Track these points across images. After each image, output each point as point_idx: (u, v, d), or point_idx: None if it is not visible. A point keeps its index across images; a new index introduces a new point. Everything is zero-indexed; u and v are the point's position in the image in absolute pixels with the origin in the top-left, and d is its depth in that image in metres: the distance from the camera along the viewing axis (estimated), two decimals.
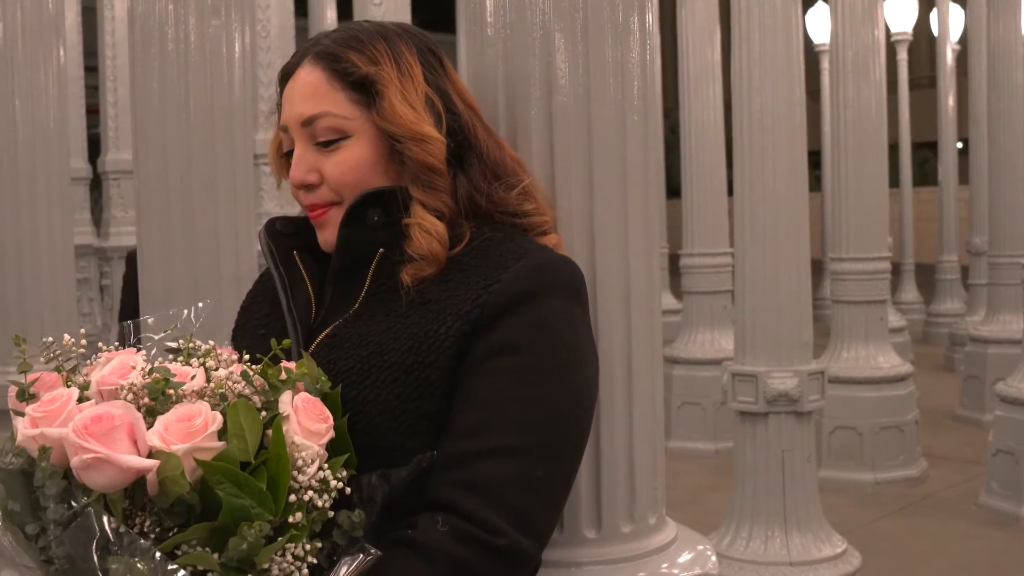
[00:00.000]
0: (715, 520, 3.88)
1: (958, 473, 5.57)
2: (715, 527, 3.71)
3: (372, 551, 0.96)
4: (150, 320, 1.12)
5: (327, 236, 1.22)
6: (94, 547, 0.88)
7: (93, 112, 7.02)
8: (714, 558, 1.38)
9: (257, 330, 1.25)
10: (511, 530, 1.04)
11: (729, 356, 4.00)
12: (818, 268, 9.68)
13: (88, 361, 1.04)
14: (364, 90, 1.18)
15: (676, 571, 1.33)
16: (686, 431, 6.14)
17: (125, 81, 6.07)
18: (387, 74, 1.17)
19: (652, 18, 1.37)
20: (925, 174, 17.42)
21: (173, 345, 1.06)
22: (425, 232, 1.15)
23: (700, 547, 1.38)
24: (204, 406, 0.95)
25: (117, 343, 1.11)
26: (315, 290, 1.24)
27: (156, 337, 1.10)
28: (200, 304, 1.14)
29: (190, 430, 0.93)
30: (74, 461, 0.90)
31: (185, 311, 1.12)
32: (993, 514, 4.83)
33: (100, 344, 1.06)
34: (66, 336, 1.05)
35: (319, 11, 6.08)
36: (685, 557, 1.36)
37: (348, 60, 1.18)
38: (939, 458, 5.79)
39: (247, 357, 1.04)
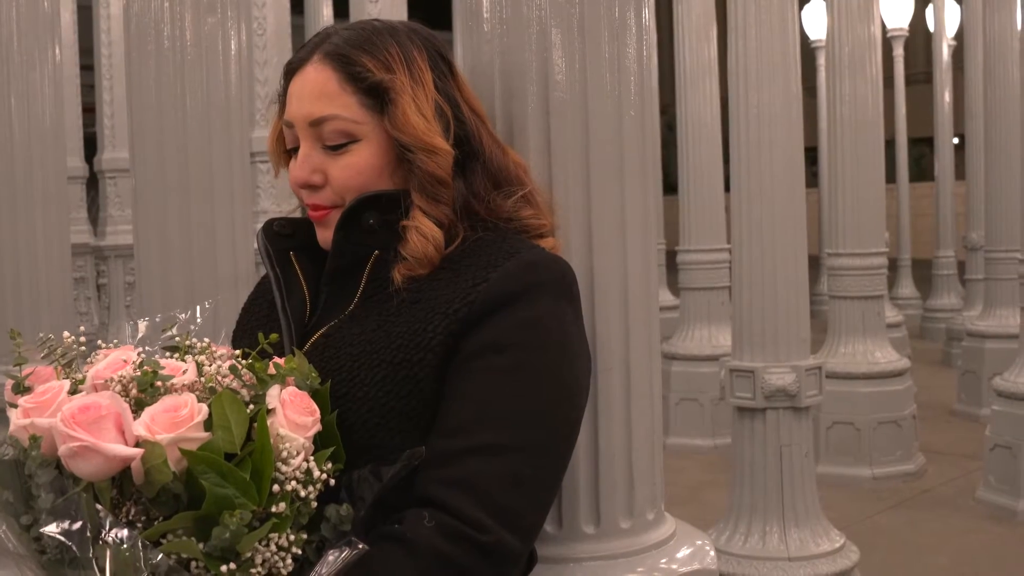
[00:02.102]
0: (714, 516, 3.88)
1: (956, 468, 5.58)
2: (714, 523, 3.71)
3: (359, 545, 0.96)
4: (157, 318, 1.13)
5: (327, 236, 1.22)
6: (85, 535, 0.89)
7: (89, 111, 7.01)
8: (713, 553, 1.38)
9: (256, 331, 1.24)
10: (497, 527, 1.04)
11: (727, 352, 4.00)
12: (815, 264, 9.74)
13: (88, 359, 1.05)
14: (376, 95, 1.17)
15: (675, 566, 1.33)
16: (684, 427, 6.14)
17: (121, 80, 6.06)
18: (400, 82, 1.16)
19: (649, 14, 1.37)
20: (921, 170, 17.43)
21: (172, 343, 1.07)
22: (421, 236, 1.15)
23: (699, 542, 1.39)
24: (190, 397, 0.96)
25: (116, 340, 1.11)
26: (311, 291, 1.23)
27: (164, 334, 1.11)
28: (200, 306, 1.15)
29: (175, 420, 0.94)
30: (61, 449, 0.92)
31: (187, 312, 1.12)
32: (991, 509, 4.84)
33: (99, 342, 1.07)
34: (66, 333, 1.05)
35: (315, 9, 6.07)
36: (684, 552, 1.36)
37: (360, 64, 1.17)
38: (937, 453, 5.79)
39: (238, 353, 1.05)
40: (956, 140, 10.69)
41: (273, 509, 0.93)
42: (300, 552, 0.96)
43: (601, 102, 1.30)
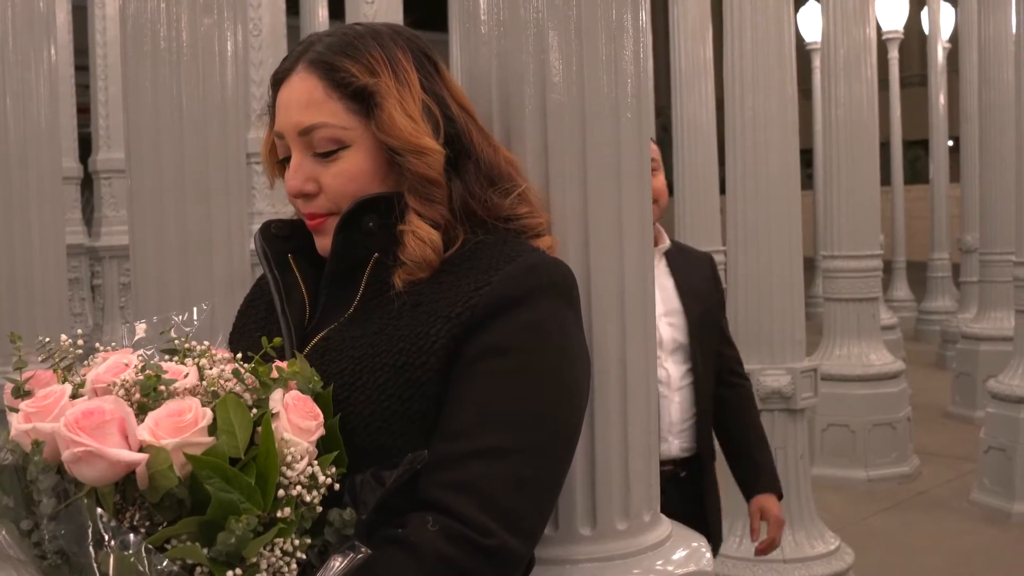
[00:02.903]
0: None
1: (950, 470, 5.59)
2: None
3: (362, 549, 0.96)
4: (154, 319, 1.12)
5: (325, 243, 1.21)
6: (88, 540, 0.88)
7: (83, 111, 7.00)
8: (709, 555, 1.38)
9: (253, 333, 1.24)
10: (500, 530, 1.04)
11: None
12: (810, 266, 9.74)
13: (85, 362, 1.04)
14: (362, 100, 1.16)
15: (671, 568, 1.33)
16: None
17: (116, 80, 6.05)
18: (385, 85, 1.16)
19: (645, 16, 1.37)
20: (916, 172, 17.48)
21: (170, 346, 1.06)
22: (419, 240, 1.14)
23: (695, 544, 1.38)
24: (194, 402, 0.95)
25: (113, 344, 1.11)
26: (310, 294, 1.23)
27: (160, 334, 1.10)
28: (197, 308, 1.14)
29: (180, 425, 0.93)
30: (65, 455, 0.91)
31: (183, 314, 1.12)
32: (985, 510, 4.85)
33: (97, 344, 1.06)
34: (63, 337, 1.05)
35: (311, 10, 6.07)
36: (680, 554, 1.36)
37: (345, 69, 1.16)
38: (931, 455, 5.80)
39: (239, 356, 1.04)
40: (951, 142, 10.73)
41: (278, 514, 0.93)
42: (304, 557, 0.95)
43: (598, 104, 1.30)
